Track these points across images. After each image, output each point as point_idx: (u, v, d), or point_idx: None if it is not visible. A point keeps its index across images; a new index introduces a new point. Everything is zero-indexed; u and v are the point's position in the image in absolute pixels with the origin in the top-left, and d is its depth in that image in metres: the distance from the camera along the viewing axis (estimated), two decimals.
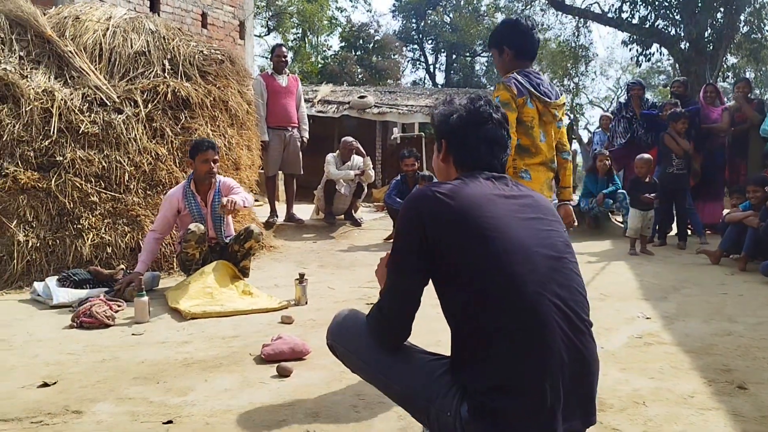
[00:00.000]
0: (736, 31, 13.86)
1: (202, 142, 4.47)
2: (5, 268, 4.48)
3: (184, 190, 4.47)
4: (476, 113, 1.76)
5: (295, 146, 7.14)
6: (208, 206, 4.51)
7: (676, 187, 6.67)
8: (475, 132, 1.74)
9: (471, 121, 1.75)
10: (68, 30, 5.61)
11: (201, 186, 4.50)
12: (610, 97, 36.29)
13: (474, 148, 1.74)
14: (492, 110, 1.77)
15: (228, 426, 2.14)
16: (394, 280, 1.66)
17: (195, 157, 4.41)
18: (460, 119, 1.76)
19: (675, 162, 6.67)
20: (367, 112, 13.83)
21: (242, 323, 3.61)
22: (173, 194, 4.47)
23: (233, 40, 10.53)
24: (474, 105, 1.77)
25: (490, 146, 1.75)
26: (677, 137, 6.66)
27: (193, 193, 4.46)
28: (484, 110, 1.76)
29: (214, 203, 4.47)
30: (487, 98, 1.83)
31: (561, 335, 1.46)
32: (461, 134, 1.75)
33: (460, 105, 1.78)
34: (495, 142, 1.76)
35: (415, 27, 31.81)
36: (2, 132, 4.76)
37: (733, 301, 4.17)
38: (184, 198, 4.44)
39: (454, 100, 1.81)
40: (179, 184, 4.62)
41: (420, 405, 1.61)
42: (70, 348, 3.09)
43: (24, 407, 2.31)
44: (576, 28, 19.44)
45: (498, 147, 1.76)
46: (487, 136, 1.75)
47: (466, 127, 1.75)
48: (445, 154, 1.79)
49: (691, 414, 2.24)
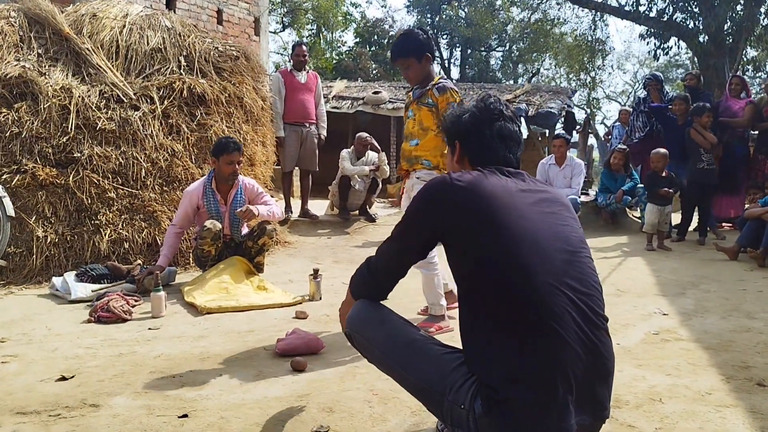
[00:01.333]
0: (756, 24, 13.64)
1: (228, 143, 4.40)
2: (24, 263, 4.54)
3: (205, 187, 4.48)
4: (487, 110, 1.77)
5: (311, 143, 7.14)
6: (227, 205, 4.52)
7: (707, 183, 6.58)
8: (488, 129, 1.75)
9: (483, 119, 1.76)
10: (85, 27, 5.66)
11: (222, 185, 4.51)
12: (627, 92, 35.98)
13: (488, 145, 1.75)
14: (502, 106, 1.78)
15: (242, 420, 2.15)
16: (395, 250, 1.75)
17: (219, 157, 4.38)
18: (472, 117, 1.77)
19: (705, 157, 6.57)
20: (381, 108, 13.80)
21: (257, 318, 3.63)
22: (193, 190, 4.49)
23: (248, 37, 10.56)
24: (484, 103, 1.79)
25: (504, 142, 1.75)
26: (703, 131, 6.57)
27: (213, 191, 4.47)
28: (495, 107, 1.77)
29: (234, 202, 4.50)
30: (497, 96, 1.84)
31: (575, 328, 1.46)
32: (474, 132, 1.76)
33: (471, 105, 1.81)
34: (509, 137, 1.76)
35: (429, 22, 31.65)
36: (21, 129, 4.82)
37: (752, 297, 4.11)
38: (204, 195, 4.46)
39: (464, 104, 1.84)
40: (199, 180, 4.63)
41: (435, 397, 1.61)
42: (88, 342, 3.12)
43: (42, 400, 2.34)
44: (593, 22, 19.27)
45: (512, 142, 1.77)
46: (501, 132, 1.76)
47: (478, 124, 1.76)
48: (460, 155, 1.80)
49: (708, 411, 2.22)
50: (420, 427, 2.09)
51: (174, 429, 2.08)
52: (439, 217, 1.59)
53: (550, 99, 13.61)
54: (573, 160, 7.31)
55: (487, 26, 28.84)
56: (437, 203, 1.60)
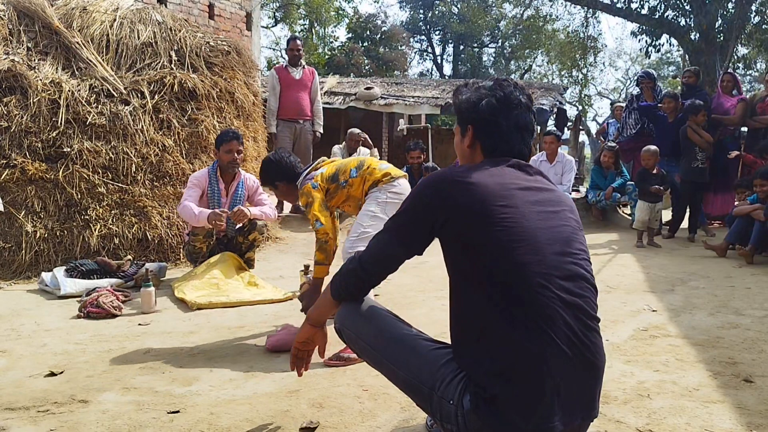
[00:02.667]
0: (746, 21, 13.72)
1: (226, 133, 4.51)
2: (13, 258, 4.51)
3: (209, 173, 4.49)
4: (507, 99, 1.69)
5: (305, 139, 7.12)
6: (228, 197, 4.52)
7: (700, 181, 6.63)
8: (506, 118, 1.69)
9: (502, 108, 1.69)
10: (75, 21, 5.62)
11: (225, 174, 4.53)
12: (619, 89, 36.11)
13: (505, 135, 1.69)
14: (521, 95, 1.72)
15: (232, 416, 2.15)
16: (387, 243, 1.68)
17: (220, 147, 4.44)
18: (489, 106, 1.69)
19: (700, 156, 6.61)
20: (373, 104, 13.77)
21: (248, 314, 3.63)
22: (200, 174, 4.49)
23: (240, 32, 10.51)
24: (503, 91, 1.71)
25: (520, 132, 1.70)
26: (699, 129, 6.61)
27: (217, 178, 4.48)
28: (515, 96, 1.70)
29: (235, 196, 4.52)
30: (515, 81, 1.77)
31: (565, 329, 1.45)
32: (492, 121, 1.69)
33: (489, 90, 1.71)
34: (524, 128, 1.71)
35: (422, 18, 31.63)
36: (10, 123, 4.79)
37: (739, 294, 4.15)
38: (209, 182, 4.46)
39: (480, 85, 1.75)
40: (205, 168, 4.62)
41: (424, 392, 1.61)
42: (77, 338, 3.11)
43: (31, 396, 2.33)
44: (585, 19, 19.32)
45: (527, 133, 1.72)
46: (518, 122, 1.70)
47: (497, 113, 1.69)
48: (472, 139, 1.73)
49: (695, 407, 2.24)
50: (409, 423, 2.09)
51: (163, 425, 2.08)
52: (438, 210, 1.57)
53: (541, 96, 13.63)
54: (564, 157, 7.34)
55: (480, 22, 28.84)
56: (436, 196, 1.58)
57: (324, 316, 1.88)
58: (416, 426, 2.07)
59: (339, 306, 1.83)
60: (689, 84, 7.77)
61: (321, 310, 1.87)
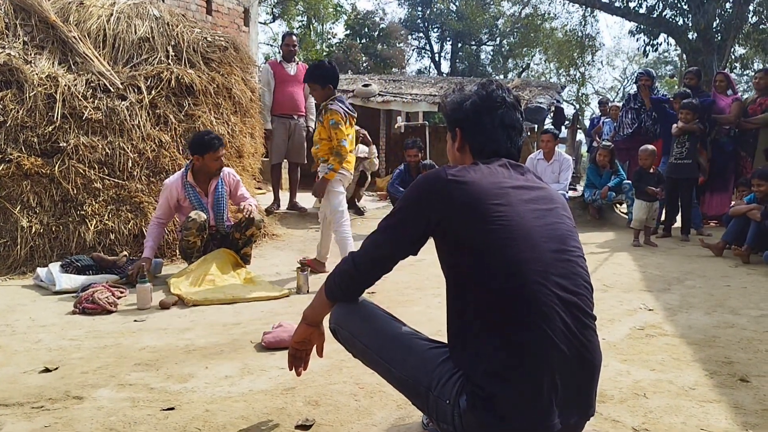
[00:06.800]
0: (744, 21, 13.75)
1: (211, 141, 4.37)
2: (9, 253, 4.49)
3: (183, 180, 4.46)
4: (489, 98, 1.72)
5: (300, 135, 7.11)
6: (209, 195, 4.50)
7: (677, 177, 6.60)
8: (490, 117, 1.71)
9: (485, 107, 1.72)
10: (72, 15, 5.60)
11: (199, 176, 4.49)
12: (617, 87, 36.14)
13: (490, 133, 1.71)
14: (505, 94, 1.74)
15: (228, 413, 2.14)
16: (382, 243, 1.68)
17: (204, 155, 4.37)
18: (473, 105, 1.72)
19: (675, 152, 6.61)
20: (371, 101, 13.75)
21: (243, 311, 3.62)
22: (171, 183, 4.46)
23: (238, 27, 10.48)
24: (486, 90, 1.74)
25: (506, 131, 1.72)
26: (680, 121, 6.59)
27: (191, 185, 4.45)
28: (497, 94, 1.73)
29: (216, 194, 4.50)
30: (498, 82, 1.79)
31: (562, 327, 1.45)
32: (476, 120, 1.72)
33: (472, 91, 1.75)
34: (510, 126, 1.73)
35: (420, 15, 31.58)
36: (6, 117, 4.76)
37: (736, 293, 4.15)
38: (183, 188, 4.44)
39: (465, 87, 1.78)
40: (176, 174, 4.60)
41: (420, 391, 1.61)
42: (72, 334, 3.10)
43: (26, 392, 2.32)
44: (583, 18, 19.33)
45: (514, 131, 1.74)
46: (503, 120, 1.72)
47: (480, 112, 1.72)
48: (461, 142, 1.76)
49: (691, 406, 2.24)
50: (405, 421, 2.09)
51: (158, 422, 2.07)
52: (433, 209, 1.56)
53: (539, 94, 13.63)
54: (561, 156, 7.34)
55: (478, 20, 28.86)
56: (431, 195, 1.57)
57: (320, 316, 1.87)
58: (412, 424, 2.06)
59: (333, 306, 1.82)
60: (690, 86, 7.75)
61: (316, 310, 1.86)
